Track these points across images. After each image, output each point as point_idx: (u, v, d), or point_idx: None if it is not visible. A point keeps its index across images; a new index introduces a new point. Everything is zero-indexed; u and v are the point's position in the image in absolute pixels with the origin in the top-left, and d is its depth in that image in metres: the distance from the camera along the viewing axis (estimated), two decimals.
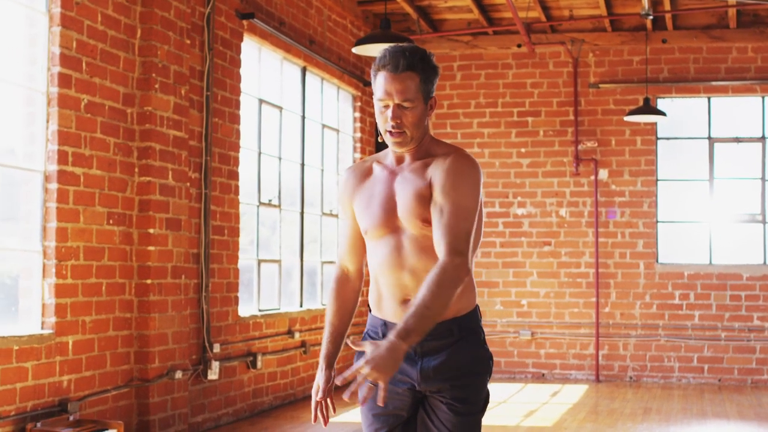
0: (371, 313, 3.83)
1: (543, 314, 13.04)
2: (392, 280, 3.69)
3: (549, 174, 13.12)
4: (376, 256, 3.73)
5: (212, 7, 9.07)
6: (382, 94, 3.63)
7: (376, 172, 3.80)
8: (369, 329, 3.83)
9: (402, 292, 3.68)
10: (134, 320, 7.93)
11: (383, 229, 3.70)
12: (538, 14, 12.32)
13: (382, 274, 3.71)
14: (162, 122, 8.10)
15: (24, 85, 7.14)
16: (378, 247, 3.72)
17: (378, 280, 3.74)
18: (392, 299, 3.70)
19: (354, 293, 3.95)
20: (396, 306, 3.70)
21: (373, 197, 3.74)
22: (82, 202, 7.33)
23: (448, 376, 3.69)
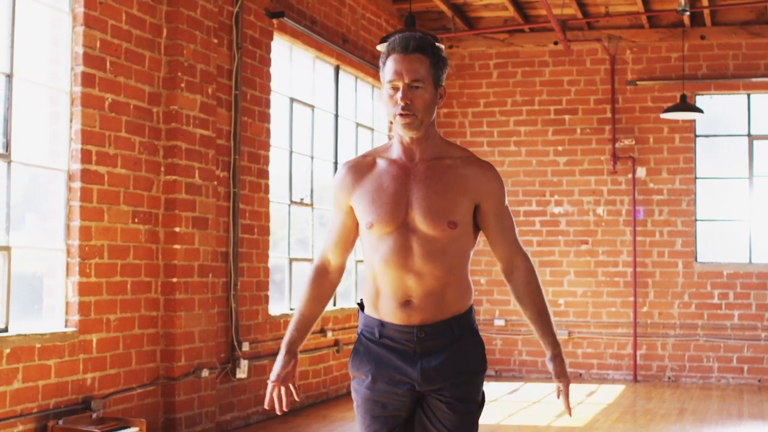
0: (364, 313, 3.76)
1: (580, 314, 12.94)
2: (394, 281, 3.61)
3: (586, 172, 13.01)
4: (379, 253, 3.62)
5: (241, 6, 9.08)
6: (391, 74, 3.59)
7: (380, 166, 3.70)
8: (364, 329, 3.76)
9: (403, 293, 3.61)
10: (160, 318, 7.96)
11: (391, 225, 3.61)
12: (575, 11, 12.23)
13: (383, 272, 3.63)
14: (188, 121, 8.12)
15: (48, 84, 7.19)
16: (382, 244, 3.62)
17: (377, 279, 3.67)
18: (392, 300, 3.63)
19: (331, 287, 3.89)
20: (395, 307, 3.63)
21: (382, 191, 3.64)
22: (107, 201, 7.37)
23: (449, 375, 3.65)
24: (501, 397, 11.35)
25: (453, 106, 13.38)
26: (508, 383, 12.47)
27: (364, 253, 3.73)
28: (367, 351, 3.74)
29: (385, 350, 3.69)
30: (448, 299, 3.64)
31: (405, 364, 3.66)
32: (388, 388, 3.68)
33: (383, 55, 3.65)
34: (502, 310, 13.13)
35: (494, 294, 13.17)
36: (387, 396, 3.69)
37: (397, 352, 3.67)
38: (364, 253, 3.73)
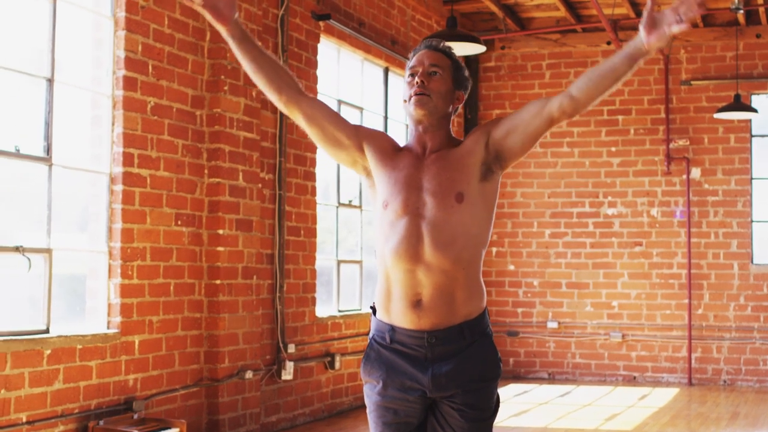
0: (376, 317, 3.73)
1: (634, 316, 12.80)
2: (404, 275, 3.59)
3: (640, 173, 12.88)
4: (390, 244, 3.61)
5: (286, 9, 9.11)
6: (413, 63, 3.75)
7: (400, 154, 3.75)
8: (375, 334, 3.74)
9: (413, 290, 3.59)
10: (204, 320, 8.00)
11: (403, 209, 3.61)
12: (627, 10, 12.11)
13: (393, 266, 3.60)
14: (232, 124, 8.16)
15: (90, 88, 7.27)
16: (394, 233, 3.62)
17: (389, 276, 3.65)
18: (402, 299, 3.61)
19: (286, 75, 3.74)
20: (406, 307, 3.60)
21: (398, 176, 3.67)
22: (149, 204, 7.42)
23: (461, 382, 3.61)
24: (552, 399, 11.27)
25: (506, 108, 13.31)
26: (560, 386, 12.38)
27: (377, 247, 3.71)
28: (378, 356, 3.72)
29: (397, 356, 3.66)
30: (459, 299, 3.60)
31: (416, 370, 3.63)
32: (400, 394, 3.65)
33: (411, 54, 3.81)
34: (555, 312, 13.03)
35: (547, 296, 13.08)
36: (398, 402, 3.66)
37: (408, 357, 3.64)
38: (377, 247, 3.71)
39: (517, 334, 13.15)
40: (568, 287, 13.02)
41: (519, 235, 13.25)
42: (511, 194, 13.27)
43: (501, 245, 13.31)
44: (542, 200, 13.17)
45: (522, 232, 13.24)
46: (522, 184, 13.25)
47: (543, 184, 13.17)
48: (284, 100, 3.73)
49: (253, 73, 3.72)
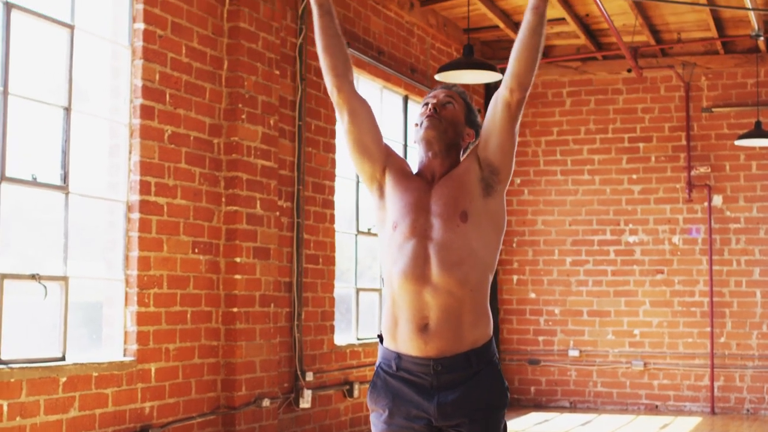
0: (383, 345, 3.75)
1: (656, 344, 12.73)
2: (411, 297, 3.60)
3: (661, 200, 12.83)
4: (398, 266, 3.64)
5: (304, 37, 9.15)
6: (427, 97, 3.87)
7: (415, 177, 3.82)
8: (382, 362, 3.75)
9: (420, 313, 3.60)
10: (221, 348, 8.01)
11: (412, 231, 3.65)
12: (647, 38, 12.10)
13: (401, 288, 3.63)
14: (249, 152, 8.19)
15: (108, 117, 7.31)
16: (402, 255, 3.65)
17: (395, 300, 3.66)
18: (409, 323, 3.62)
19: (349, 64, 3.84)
20: (413, 332, 3.61)
21: (408, 199, 3.72)
22: (166, 232, 7.45)
23: (467, 411, 3.60)
24: (573, 428, 11.21)
25: (526, 135, 13.30)
26: (582, 415, 12.31)
27: (384, 272, 3.74)
28: (384, 384, 3.72)
29: (403, 384, 3.66)
30: (466, 323, 3.60)
31: (422, 399, 3.62)
32: (405, 423, 3.65)
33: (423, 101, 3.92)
34: (577, 340, 12.97)
35: (568, 324, 13.03)
36: (404, 431, 3.66)
37: (414, 385, 3.64)
38: (384, 272, 3.74)
39: (539, 363, 13.09)
40: (589, 315, 12.96)
41: (540, 263, 13.22)
42: (532, 222, 13.25)
43: (522, 273, 13.27)
44: (563, 228, 13.14)
45: (543, 259, 13.20)
46: (543, 212, 13.23)
47: (564, 211, 13.15)
48: (338, 85, 3.78)
49: (323, 49, 3.79)
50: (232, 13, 8.14)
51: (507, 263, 13.30)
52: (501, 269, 13.28)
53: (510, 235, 13.30)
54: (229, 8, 8.14)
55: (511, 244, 13.30)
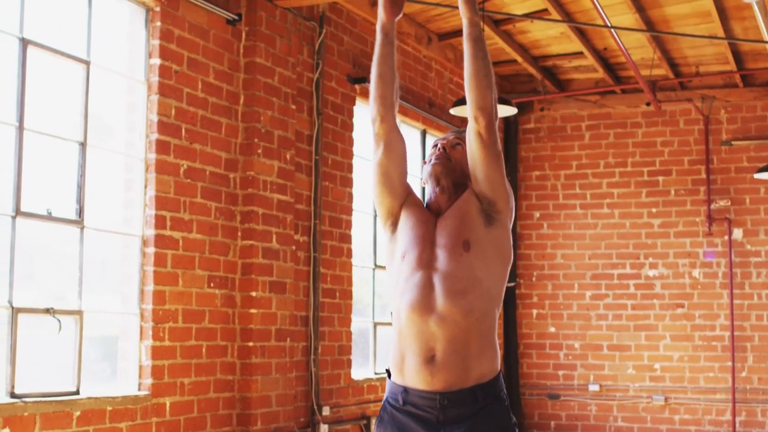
0: (390, 380, 3.76)
1: (677, 379, 12.63)
2: (418, 328, 3.63)
3: (681, 234, 12.77)
4: (405, 299, 3.68)
5: (321, 72, 9.19)
6: (437, 140, 3.95)
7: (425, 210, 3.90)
8: (389, 396, 3.77)
9: (427, 344, 3.61)
10: (236, 382, 8.01)
11: (417, 261, 3.70)
12: (666, 71, 12.10)
13: (407, 319, 3.66)
14: (265, 186, 8.21)
15: (123, 152, 7.36)
16: (408, 286, 3.68)
17: (402, 332, 3.69)
18: (416, 356, 3.63)
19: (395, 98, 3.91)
20: (420, 364, 3.62)
21: (418, 225, 3.81)
22: (181, 266, 7.47)
23: None
24: None
25: (545, 169, 13.30)
26: None
27: (392, 306, 3.77)
28: (391, 419, 3.73)
29: (409, 418, 3.67)
30: (472, 353, 3.61)
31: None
32: None
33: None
34: (597, 375, 12.90)
35: (588, 358, 12.95)
36: None
37: (420, 420, 3.65)
38: (392, 306, 3.77)
39: (558, 397, 13.02)
40: (609, 349, 12.89)
41: (560, 297, 13.16)
42: (552, 256, 13.21)
43: (542, 307, 13.22)
44: (583, 262, 13.09)
45: (563, 293, 13.15)
46: (562, 246, 13.19)
47: (583, 245, 13.10)
48: (383, 114, 3.84)
49: (378, 76, 3.87)
50: (249, 48, 8.19)
51: (526, 297, 13.26)
52: (520, 303, 13.24)
53: (529, 269, 13.27)
54: (245, 44, 8.19)
55: (531, 278, 13.26)
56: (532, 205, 13.35)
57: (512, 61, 12.24)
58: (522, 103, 13.16)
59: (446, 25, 11.02)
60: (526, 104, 13.31)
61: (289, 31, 8.57)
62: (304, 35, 9.05)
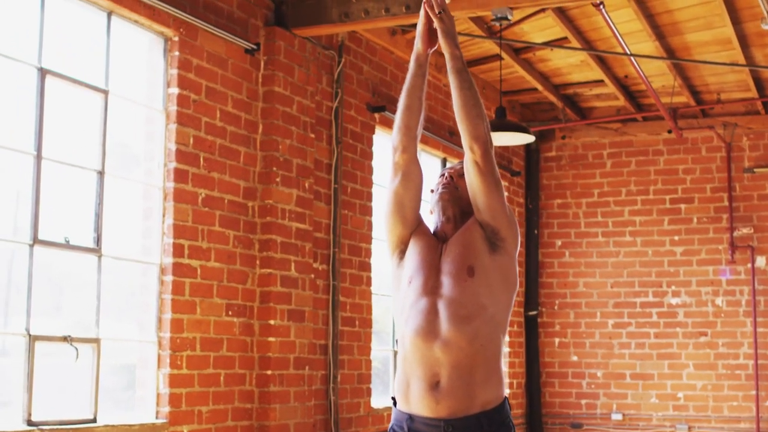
0: (396, 408, 3.77)
1: (700, 408, 12.54)
2: (423, 354, 3.63)
3: (704, 262, 12.71)
4: (410, 325, 3.68)
5: (340, 101, 9.22)
6: (444, 170, 4.00)
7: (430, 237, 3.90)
8: (394, 424, 3.77)
9: (432, 370, 3.62)
10: (255, 411, 8.00)
11: (422, 287, 3.71)
12: (687, 99, 12.08)
13: (412, 345, 3.66)
14: (284, 215, 8.23)
15: (142, 180, 7.40)
16: (413, 312, 3.69)
17: (407, 359, 3.70)
18: (421, 382, 3.63)
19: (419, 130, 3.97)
20: (424, 391, 3.62)
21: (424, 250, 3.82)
22: (199, 294, 7.49)
23: None
24: None
25: (567, 197, 13.28)
26: None
27: (398, 333, 3.78)
28: None
29: None
30: (477, 380, 3.61)
31: None
32: None
33: None
34: (620, 404, 12.82)
35: (611, 387, 12.88)
36: None
37: None
38: (398, 333, 3.78)
39: (581, 426, 12.95)
40: (632, 378, 12.82)
41: (582, 326, 13.11)
42: (574, 284, 13.17)
43: (564, 336, 13.17)
44: (605, 290, 13.04)
45: (585, 322, 13.10)
46: (584, 274, 13.15)
47: (605, 273, 13.06)
48: (405, 144, 3.89)
49: (406, 107, 3.91)
50: (267, 77, 8.23)
51: (549, 326, 13.21)
52: (543, 332, 13.20)
53: (551, 297, 13.23)
54: (263, 73, 8.23)
55: (553, 306, 13.22)
56: (554, 233, 13.32)
57: (533, 90, 12.25)
58: (543, 131, 13.17)
59: (466, 53, 11.04)
60: (547, 132, 13.32)
61: (307, 60, 8.61)
62: (323, 64, 9.09)
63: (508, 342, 12.67)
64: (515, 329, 12.89)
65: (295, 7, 8.46)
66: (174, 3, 7.35)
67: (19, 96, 6.39)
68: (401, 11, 8.14)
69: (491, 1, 7.93)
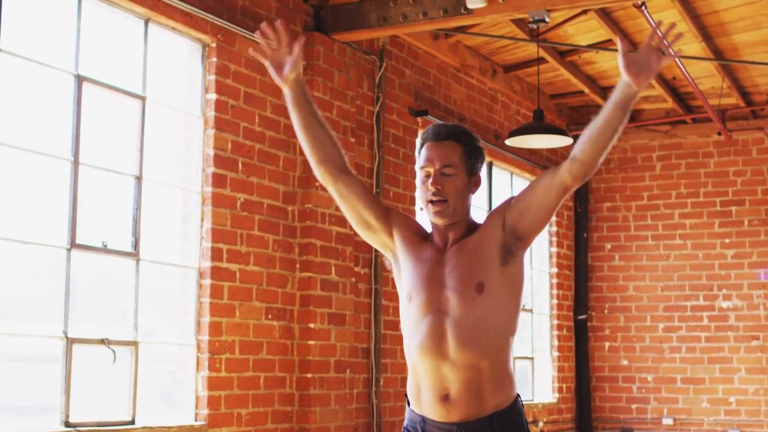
0: (410, 407, 3.76)
1: (752, 412, 12.39)
2: (431, 371, 3.61)
3: (755, 265, 12.56)
4: (415, 341, 3.64)
5: (381, 105, 9.25)
6: (423, 161, 3.67)
7: (429, 242, 3.75)
8: (408, 424, 3.77)
9: (441, 385, 3.60)
10: (295, 414, 8.04)
11: (427, 306, 3.61)
12: (736, 100, 11.96)
13: (420, 360, 3.63)
14: (324, 219, 8.27)
15: (180, 186, 7.47)
16: (418, 330, 3.63)
17: (416, 368, 3.68)
18: (431, 392, 3.63)
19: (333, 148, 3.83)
20: (434, 401, 3.62)
21: (422, 272, 3.65)
22: (238, 298, 7.55)
23: None
24: None
25: (616, 200, 13.20)
26: None
27: (404, 342, 3.74)
28: None
29: None
30: (487, 391, 3.59)
31: None
32: None
33: (418, 145, 3.73)
34: (671, 408, 12.71)
35: (662, 392, 12.77)
36: None
37: None
38: (404, 342, 3.74)
39: (632, 431, 12.85)
40: (683, 382, 12.70)
41: (632, 330, 13.02)
42: (624, 288, 13.08)
43: (614, 340, 13.09)
44: (655, 294, 12.94)
45: (635, 326, 13.00)
46: (634, 278, 13.05)
47: (656, 277, 12.95)
48: (322, 171, 3.79)
49: (301, 138, 3.79)
50: (307, 82, 8.27)
51: (599, 330, 13.14)
52: (592, 336, 13.13)
53: (601, 301, 13.15)
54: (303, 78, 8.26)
55: (603, 310, 13.14)
56: (604, 237, 13.24)
57: (580, 92, 12.19)
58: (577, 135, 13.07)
59: (511, 57, 11.04)
60: None
61: (347, 64, 8.66)
62: (364, 69, 9.13)
63: (557, 346, 12.62)
64: (564, 333, 12.83)
65: (334, 12, 8.51)
66: (211, 10, 7.43)
67: (57, 103, 6.49)
68: (439, 15, 8.15)
69: (528, 4, 7.92)
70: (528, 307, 12.19)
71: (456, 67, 10.55)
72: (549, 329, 12.66)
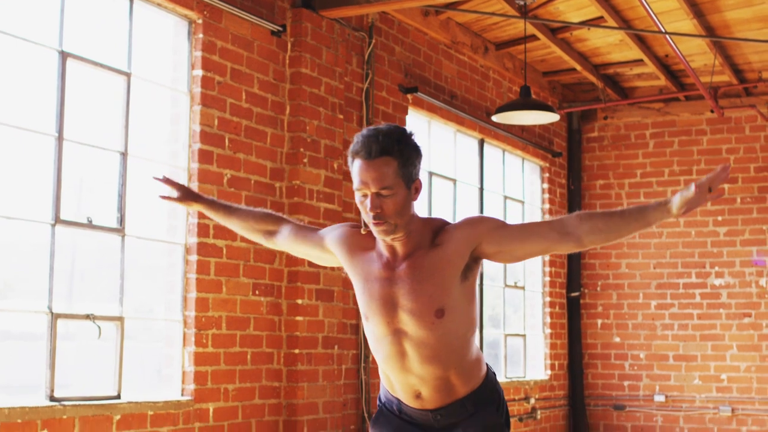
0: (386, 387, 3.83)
1: (744, 389, 12.44)
2: (399, 379, 3.70)
3: (747, 242, 12.58)
4: (380, 355, 3.70)
5: (371, 82, 9.25)
6: (358, 183, 3.47)
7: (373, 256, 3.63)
8: (385, 402, 3.85)
9: (412, 390, 3.70)
10: (283, 389, 8.08)
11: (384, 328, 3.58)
12: (729, 77, 11.95)
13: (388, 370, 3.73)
14: (312, 195, 8.29)
15: (166, 162, 7.49)
16: (381, 348, 3.66)
17: (386, 372, 3.77)
18: (403, 392, 3.74)
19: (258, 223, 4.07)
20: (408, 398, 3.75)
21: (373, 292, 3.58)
22: (225, 273, 7.58)
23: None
24: None
25: (609, 178, 13.21)
26: None
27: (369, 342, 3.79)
28: (387, 420, 3.83)
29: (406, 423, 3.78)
30: (457, 386, 3.70)
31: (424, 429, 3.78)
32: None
33: (349, 155, 3.53)
34: (662, 385, 12.75)
35: (654, 369, 12.81)
36: None
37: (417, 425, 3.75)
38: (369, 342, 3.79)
39: (624, 408, 12.89)
40: (675, 360, 12.74)
41: (624, 307, 13.05)
42: (616, 265, 13.10)
43: (606, 317, 13.12)
44: (648, 271, 12.96)
45: (627, 303, 13.03)
46: (627, 255, 13.07)
47: (648, 254, 12.98)
48: (262, 241, 4.07)
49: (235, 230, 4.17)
50: (294, 59, 8.28)
51: (591, 307, 13.17)
52: (585, 313, 13.16)
53: (594, 278, 13.18)
54: (290, 54, 8.28)
55: (596, 287, 13.17)
56: None
57: (572, 70, 12.18)
58: (585, 111, 13.11)
59: (503, 34, 11.03)
60: (589, 113, 13.26)
61: (336, 41, 8.66)
62: (353, 45, 9.13)
63: (550, 324, 12.65)
64: (557, 310, 12.87)
65: None
66: None
67: (41, 79, 6.49)
68: None
69: None
70: (521, 284, 12.22)
71: (447, 44, 10.55)
72: (542, 306, 12.70)
